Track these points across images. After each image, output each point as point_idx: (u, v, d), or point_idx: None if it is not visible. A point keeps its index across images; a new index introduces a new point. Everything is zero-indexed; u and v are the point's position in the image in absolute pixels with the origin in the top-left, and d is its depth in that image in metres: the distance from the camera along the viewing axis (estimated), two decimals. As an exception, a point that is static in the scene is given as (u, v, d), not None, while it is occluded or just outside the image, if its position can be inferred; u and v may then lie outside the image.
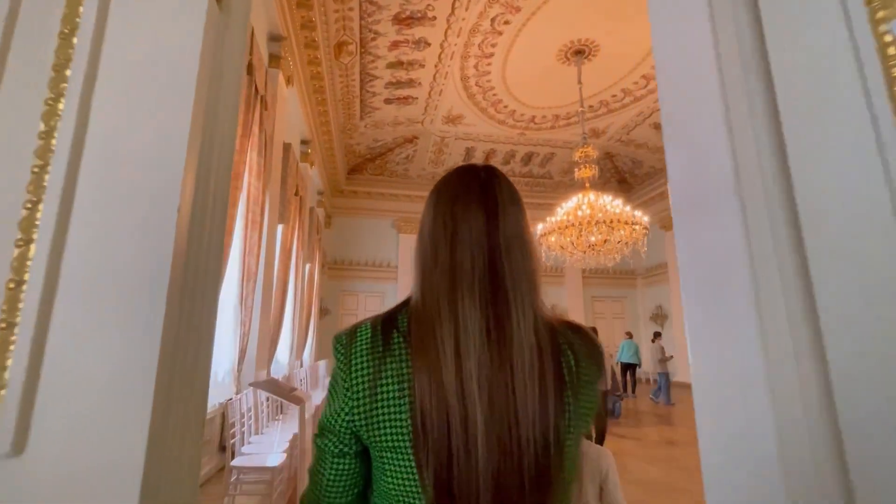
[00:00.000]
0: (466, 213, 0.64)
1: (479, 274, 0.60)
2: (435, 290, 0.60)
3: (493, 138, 11.74)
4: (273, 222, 5.28)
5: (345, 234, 13.24)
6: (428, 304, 0.60)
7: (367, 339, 0.61)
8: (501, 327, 0.58)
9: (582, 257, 7.86)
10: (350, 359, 0.61)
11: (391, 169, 12.97)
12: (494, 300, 0.59)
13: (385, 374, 0.58)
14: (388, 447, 0.57)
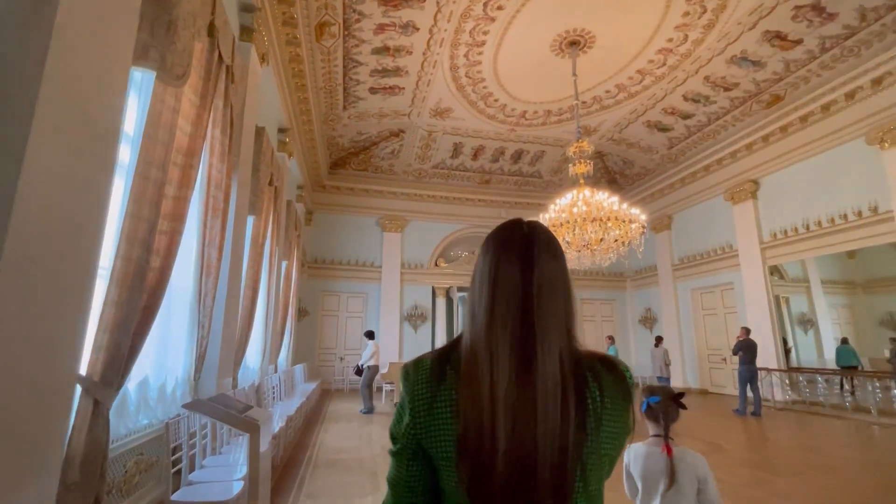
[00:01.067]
0: (507, 264, 0.74)
1: (512, 317, 0.71)
2: (478, 330, 0.73)
3: (483, 134, 11.33)
4: (242, 212, 4.74)
5: (326, 231, 12.66)
6: (473, 341, 0.73)
7: (426, 371, 0.76)
8: (528, 361, 0.69)
9: (576, 256, 7.48)
10: (413, 385, 0.76)
11: (376, 164, 12.44)
12: (523, 338, 0.70)
13: (439, 400, 0.73)
14: (442, 457, 0.71)
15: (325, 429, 6.43)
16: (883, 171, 7.81)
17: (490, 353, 0.69)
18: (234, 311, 4.62)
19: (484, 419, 0.66)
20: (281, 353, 8.32)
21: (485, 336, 0.71)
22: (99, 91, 2.12)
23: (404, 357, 12.24)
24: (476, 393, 0.68)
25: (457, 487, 0.68)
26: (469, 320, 0.76)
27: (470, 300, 0.78)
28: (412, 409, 0.74)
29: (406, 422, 0.74)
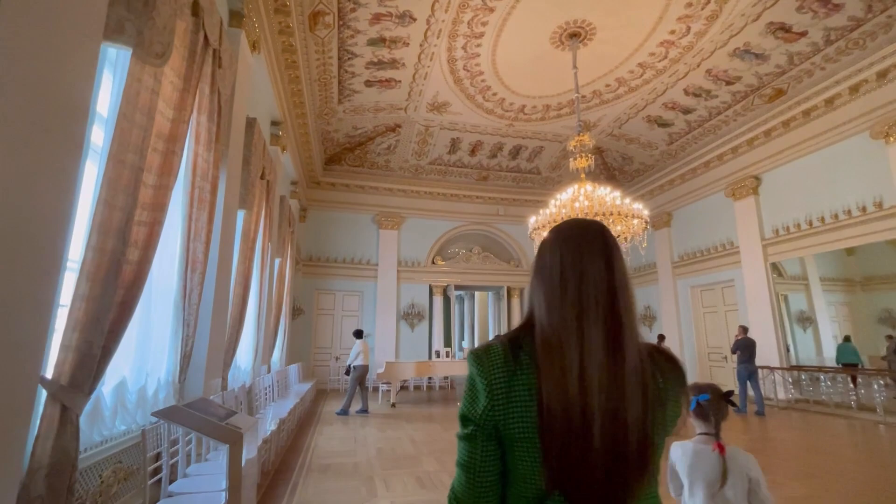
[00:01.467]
0: (591, 260, 0.80)
1: (602, 308, 0.77)
2: (564, 319, 0.77)
3: (481, 129, 11.14)
4: (231, 206, 4.53)
5: (321, 228, 12.43)
6: (556, 330, 0.77)
7: (499, 356, 0.80)
8: (619, 350, 0.75)
9: (577, 253, 7.31)
10: (488, 369, 0.79)
11: (372, 160, 12.22)
12: (613, 329, 0.76)
13: (516, 383, 0.77)
14: (518, 437, 0.75)
15: (319, 431, 6.23)
16: (888, 166, 7.68)
17: (581, 342, 0.73)
18: (224, 309, 4.41)
19: (572, 402, 0.71)
20: (274, 353, 8.10)
21: (575, 324, 0.75)
22: (65, 66, 1.91)
23: (401, 356, 12.04)
24: (562, 378, 0.72)
25: (531, 465, 0.73)
26: (546, 307, 0.79)
27: (548, 291, 0.81)
28: (489, 392, 0.77)
29: (483, 404, 0.77)
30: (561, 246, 0.83)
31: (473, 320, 19.42)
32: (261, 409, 5.50)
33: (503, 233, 13.89)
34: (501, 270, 13.56)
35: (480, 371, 0.79)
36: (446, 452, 5.05)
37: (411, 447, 5.30)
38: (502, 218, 13.87)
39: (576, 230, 0.85)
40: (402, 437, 5.86)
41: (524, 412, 0.74)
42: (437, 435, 6.04)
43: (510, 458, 0.76)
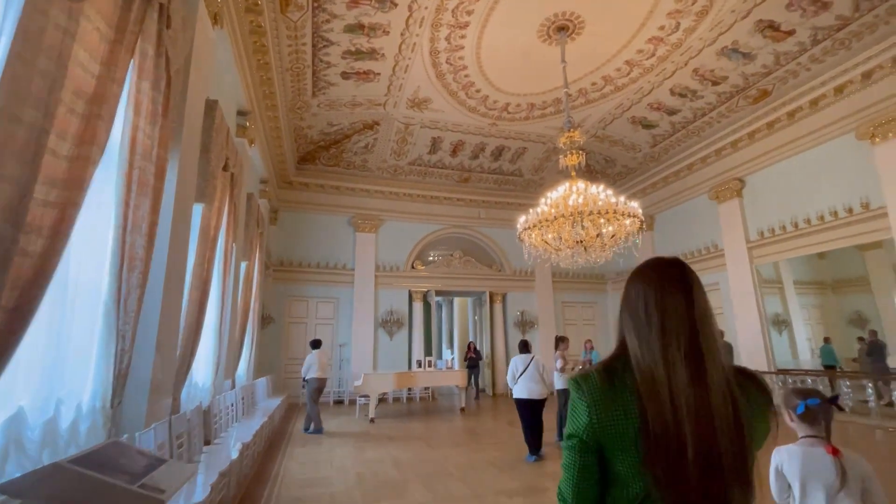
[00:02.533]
0: (673, 295, 0.92)
1: (684, 340, 0.88)
2: (651, 347, 0.90)
3: (463, 128, 10.71)
4: (185, 196, 3.89)
5: (293, 231, 11.70)
6: (647, 360, 0.90)
7: (596, 382, 0.93)
8: (703, 377, 0.86)
9: (569, 255, 6.92)
10: (590, 393, 0.92)
11: (348, 159, 11.61)
12: (694, 356, 0.87)
13: (613, 405, 0.89)
14: (618, 448, 0.88)
15: (290, 454, 5.55)
16: (874, 167, 7.64)
17: (667, 368, 0.87)
18: (175, 317, 3.75)
19: (667, 418, 0.83)
20: (240, 366, 7.36)
21: (661, 355, 0.88)
22: None
23: (380, 366, 11.39)
24: (657, 398, 0.85)
25: (630, 473, 0.86)
26: (636, 339, 0.93)
27: (636, 322, 0.94)
28: (590, 412, 0.90)
29: (585, 422, 0.90)
30: (644, 283, 0.95)
31: (452, 327, 18.88)
32: (221, 433, 4.81)
33: (485, 236, 13.47)
34: (483, 275, 13.11)
35: (581, 394, 0.93)
36: (436, 477, 4.50)
37: (395, 471, 4.71)
38: (484, 221, 13.45)
39: (658, 269, 0.97)
40: (384, 458, 5.26)
41: (623, 430, 0.87)
42: (423, 454, 5.47)
43: (611, 466, 0.90)
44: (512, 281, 13.36)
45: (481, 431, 7.09)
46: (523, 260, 13.88)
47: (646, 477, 0.83)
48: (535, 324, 13.16)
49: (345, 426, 7.69)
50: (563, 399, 6.14)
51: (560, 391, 6.26)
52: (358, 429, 7.42)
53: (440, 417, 8.72)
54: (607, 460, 0.90)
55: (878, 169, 7.58)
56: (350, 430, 7.36)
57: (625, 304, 0.98)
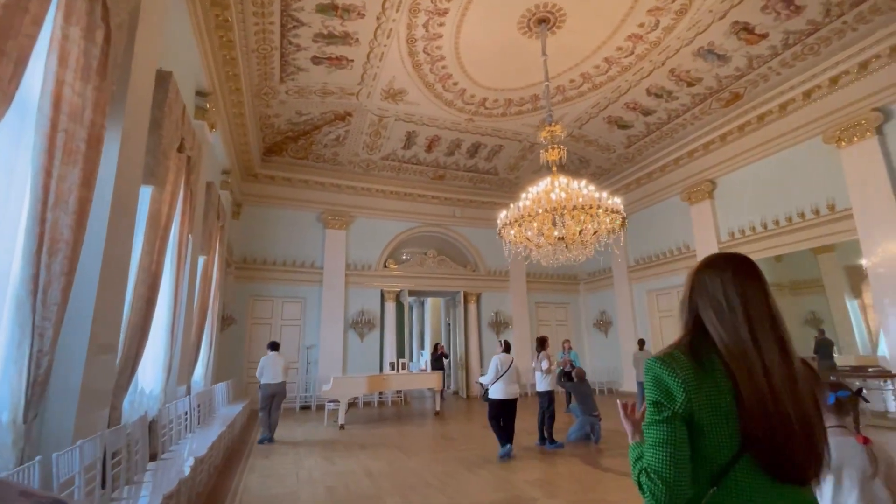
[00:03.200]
0: (752, 286, 1.03)
1: (767, 323, 0.99)
2: (738, 331, 0.99)
3: (439, 122, 10.41)
4: (129, 175, 3.38)
5: (258, 226, 11.04)
6: (733, 339, 0.99)
7: (684, 360, 1.00)
8: (788, 356, 0.98)
9: (551, 251, 6.72)
10: (679, 370, 0.99)
11: (318, 152, 11.07)
12: (778, 339, 0.99)
13: (705, 382, 0.97)
14: (712, 420, 0.96)
15: (251, 466, 5.04)
16: (840, 170, 7.85)
17: (758, 349, 0.97)
18: (115, 313, 3.24)
19: (764, 396, 0.93)
20: (196, 370, 6.75)
21: (750, 338, 0.98)
22: None
23: (350, 369, 10.88)
24: (752, 375, 0.95)
25: (717, 444, 0.95)
26: (718, 323, 1.02)
27: (714, 308, 1.04)
28: (685, 388, 0.97)
29: (681, 398, 0.97)
30: (721, 274, 1.06)
31: (424, 328, 18.50)
32: (171, 446, 4.28)
33: (460, 235, 13.19)
34: (458, 275, 12.82)
35: (671, 372, 0.99)
36: (414, 489, 4.13)
37: (369, 483, 4.31)
38: (459, 220, 13.18)
39: (732, 262, 1.08)
40: (355, 469, 4.84)
41: (717, 403, 0.96)
42: (398, 463, 5.08)
43: (698, 439, 0.97)
44: (486, 281, 13.14)
45: (458, 436, 6.77)
46: (498, 260, 13.74)
47: (735, 445, 0.93)
48: (510, 324, 12.98)
49: (312, 434, 7.19)
50: (547, 401, 5.91)
51: (543, 393, 6.02)
52: (327, 436, 6.93)
53: (414, 422, 8.34)
54: (694, 435, 0.96)
55: (844, 172, 7.79)
56: (318, 437, 6.87)
57: (700, 292, 1.07)
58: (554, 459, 5.15)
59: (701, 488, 0.94)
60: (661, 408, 0.98)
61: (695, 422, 0.96)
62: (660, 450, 0.95)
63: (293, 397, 10.18)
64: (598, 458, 5.08)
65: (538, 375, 6.13)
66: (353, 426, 7.78)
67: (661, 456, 0.95)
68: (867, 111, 7.47)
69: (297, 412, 9.83)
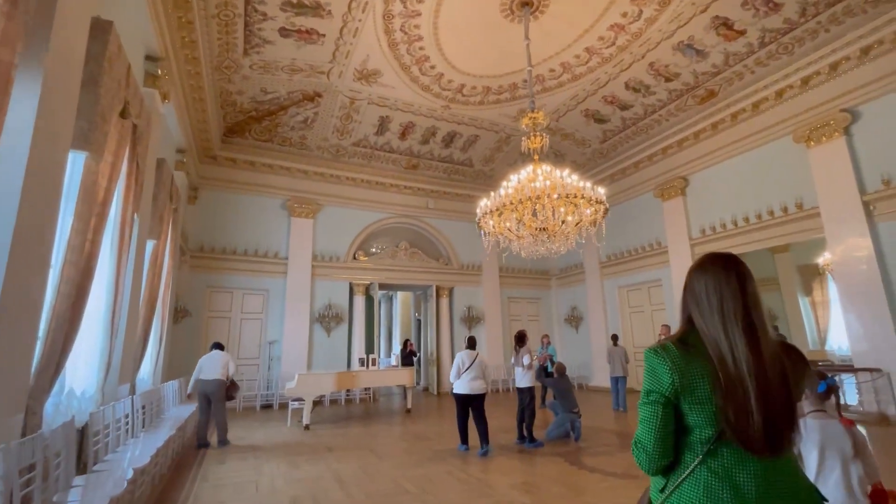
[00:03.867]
0: (729, 284, 1.15)
1: (738, 317, 1.11)
2: (714, 325, 1.12)
3: (414, 108, 9.97)
4: (53, 136, 2.82)
5: (217, 213, 10.27)
6: (711, 332, 1.13)
7: (674, 350, 1.14)
8: (755, 343, 1.09)
9: (532, 242, 6.46)
10: (670, 359, 1.13)
11: (284, 134, 10.39)
12: (749, 330, 1.10)
13: (691, 368, 1.11)
14: (695, 401, 1.09)
15: (204, 475, 4.50)
16: (808, 169, 8.01)
17: (728, 340, 1.09)
18: (32, 299, 2.70)
19: (733, 377, 1.06)
20: (143, 368, 6.09)
21: (722, 330, 1.11)
22: None
23: (316, 365, 10.33)
24: (724, 362, 1.08)
25: (702, 421, 1.08)
26: (701, 318, 1.16)
27: (699, 305, 1.17)
28: (672, 374, 1.11)
29: (668, 382, 1.11)
30: (706, 274, 1.19)
31: (392, 323, 18.03)
32: (109, 454, 3.72)
33: (432, 228, 12.82)
34: (430, 268, 12.46)
35: (663, 360, 1.13)
36: (390, 497, 3.76)
37: (340, 492, 3.90)
38: (432, 212, 12.80)
39: (716, 262, 1.20)
40: (324, 474, 4.41)
41: (700, 387, 1.09)
42: (371, 467, 4.68)
43: (686, 417, 1.11)
44: (459, 275, 12.85)
45: (433, 436, 6.43)
46: (471, 253, 13.48)
47: (719, 422, 1.06)
48: (482, 319, 12.76)
49: (274, 435, 6.66)
50: (527, 398, 5.65)
51: (524, 389, 5.76)
52: (290, 438, 6.42)
53: (385, 421, 7.93)
54: (682, 413, 1.11)
55: (812, 171, 7.96)
56: (281, 439, 6.35)
57: (689, 291, 1.22)
58: (536, 459, 4.91)
59: (692, 456, 1.09)
60: (650, 392, 1.14)
61: (682, 403, 1.10)
62: (646, 426, 1.13)
63: (252, 395, 9.55)
64: (581, 458, 4.87)
65: (518, 371, 5.86)
66: (319, 426, 7.30)
67: (644, 430, 1.13)
68: (836, 112, 7.65)
69: (257, 411, 9.21)
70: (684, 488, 1.08)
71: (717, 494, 1.03)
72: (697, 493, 1.05)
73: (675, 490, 1.09)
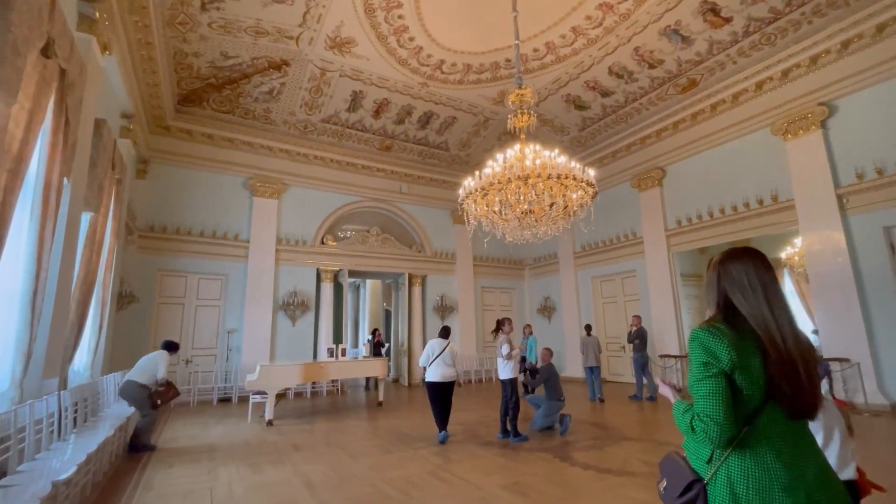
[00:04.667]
0: (767, 272, 1.31)
1: (780, 302, 1.27)
2: (760, 307, 1.26)
3: (390, 84, 9.39)
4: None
5: (170, 189, 9.34)
6: (757, 315, 1.26)
7: (726, 330, 1.26)
8: (794, 324, 1.26)
9: (516, 226, 6.11)
10: (725, 338, 1.23)
11: (247, 106, 9.55)
12: (787, 312, 1.27)
13: (744, 343, 1.23)
14: (749, 374, 1.21)
15: (147, 483, 3.89)
16: (785, 162, 8.06)
17: (776, 321, 1.24)
18: None
19: (783, 354, 1.20)
20: (78, 359, 5.33)
21: (770, 313, 1.26)
22: None
23: (278, 356, 9.67)
24: (774, 340, 1.22)
25: (751, 391, 1.20)
26: (745, 301, 1.29)
27: (741, 290, 1.31)
28: (731, 351, 1.21)
29: (728, 357, 1.21)
30: (744, 263, 1.33)
31: (359, 315, 17.36)
32: (26, 462, 3.08)
33: (406, 213, 12.30)
34: (403, 255, 11.95)
35: (720, 339, 1.23)
36: (371, 499, 3.31)
37: (312, 500, 3.42)
38: (406, 196, 12.26)
39: (748, 254, 1.36)
40: (291, 479, 3.91)
41: (752, 361, 1.21)
42: (344, 468, 4.21)
43: (736, 388, 1.21)
44: (433, 263, 12.41)
45: (410, 430, 6.01)
46: (445, 241, 13.06)
47: (770, 391, 1.20)
48: (455, 309, 12.41)
49: (233, 432, 6.04)
50: (510, 390, 5.32)
51: (506, 381, 5.42)
52: (251, 436, 5.83)
53: (355, 415, 7.44)
54: (735, 384, 1.21)
55: (789, 164, 8.01)
56: (241, 437, 5.75)
57: (727, 278, 1.34)
58: (522, 456, 4.59)
59: (736, 428, 1.19)
60: (710, 366, 1.23)
61: (734, 377, 1.21)
62: (711, 399, 1.20)
63: (209, 389, 8.80)
64: (571, 453, 4.59)
65: (499, 362, 5.52)
66: (283, 421, 6.73)
67: (712, 403, 1.19)
68: (813, 105, 7.70)
69: (214, 405, 8.48)
70: (732, 458, 1.19)
71: (762, 459, 1.16)
72: (744, 460, 1.17)
73: (725, 461, 1.20)
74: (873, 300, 6.89)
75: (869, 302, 6.93)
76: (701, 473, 1.23)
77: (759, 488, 1.13)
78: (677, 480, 1.27)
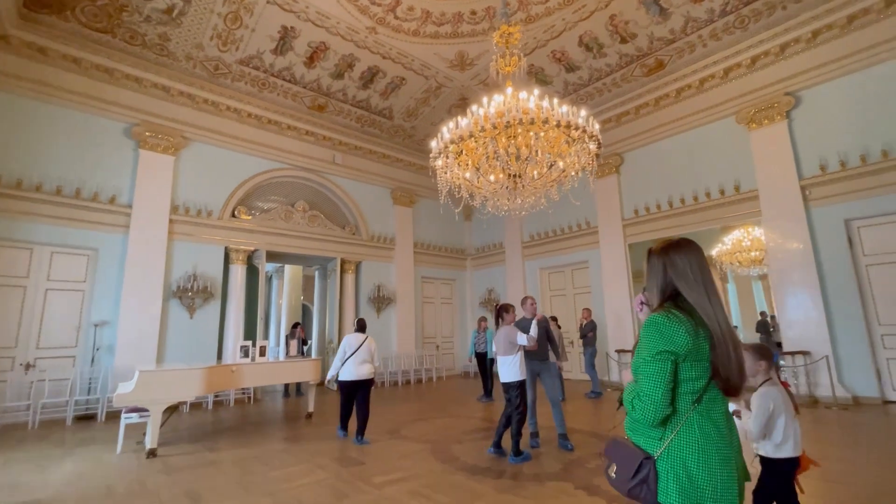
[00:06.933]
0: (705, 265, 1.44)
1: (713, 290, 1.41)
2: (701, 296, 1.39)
3: (331, 23, 7.68)
4: None
5: (10, 126, 6.71)
6: (700, 302, 1.39)
7: (683, 318, 1.36)
8: (724, 312, 1.40)
9: (499, 189, 4.92)
10: (684, 324, 1.34)
11: (134, 27, 7.20)
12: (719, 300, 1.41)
13: (699, 329, 1.35)
14: (697, 358, 1.34)
15: None
16: (749, 152, 7.89)
17: (714, 309, 1.38)
18: None
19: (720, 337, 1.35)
20: None
21: (708, 301, 1.38)
22: None
23: (168, 357, 7.47)
24: (713, 327, 1.36)
25: (699, 373, 1.35)
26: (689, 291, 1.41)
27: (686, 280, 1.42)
28: (688, 335, 1.33)
29: (685, 341, 1.32)
30: (688, 254, 1.45)
31: (270, 306, 15.04)
32: None
33: (339, 188, 10.55)
34: (335, 236, 10.20)
35: (680, 323, 1.34)
36: None
37: None
38: (339, 169, 10.52)
39: (690, 246, 1.47)
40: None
41: (702, 346, 1.34)
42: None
43: (683, 372, 1.34)
44: (369, 248, 10.82)
45: (359, 454, 4.51)
46: (383, 224, 11.48)
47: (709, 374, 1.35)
48: (393, 300, 10.94)
49: (89, 475, 4.02)
50: (516, 395, 4.08)
51: (512, 385, 4.16)
52: (119, 478, 3.89)
53: (278, 433, 5.70)
54: (681, 368, 1.34)
55: (753, 154, 7.85)
56: (100, 482, 3.80)
57: (673, 267, 1.45)
58: (533, 489, 3.39)
59: (686, 405, 1.33)
60: (663, 351, 1.34)
61: (686, 360, 1.34)
62: (654, 380, 1.32)
63: (61, 403, 6.41)
64: (593, 480, 3.49)
65: (501, 360, 4.26)
66: (172, 449, 4.82)
67: (654, 383, 1.32)
68: (780, 95, 7.57)
69: (67, 426, 6.14)
70: (682, 431, 1.31)
71: (706, 431, 1.29)
72: (693, 433, 1.29)
73: (676, 434, 1.31)
74: (833, 293, 6.83)
75: (829, 295, 6.87)
76: (650, 451, 1.33)
77: (705, 459, 1.26)
78: (628, 461, 1.35)
